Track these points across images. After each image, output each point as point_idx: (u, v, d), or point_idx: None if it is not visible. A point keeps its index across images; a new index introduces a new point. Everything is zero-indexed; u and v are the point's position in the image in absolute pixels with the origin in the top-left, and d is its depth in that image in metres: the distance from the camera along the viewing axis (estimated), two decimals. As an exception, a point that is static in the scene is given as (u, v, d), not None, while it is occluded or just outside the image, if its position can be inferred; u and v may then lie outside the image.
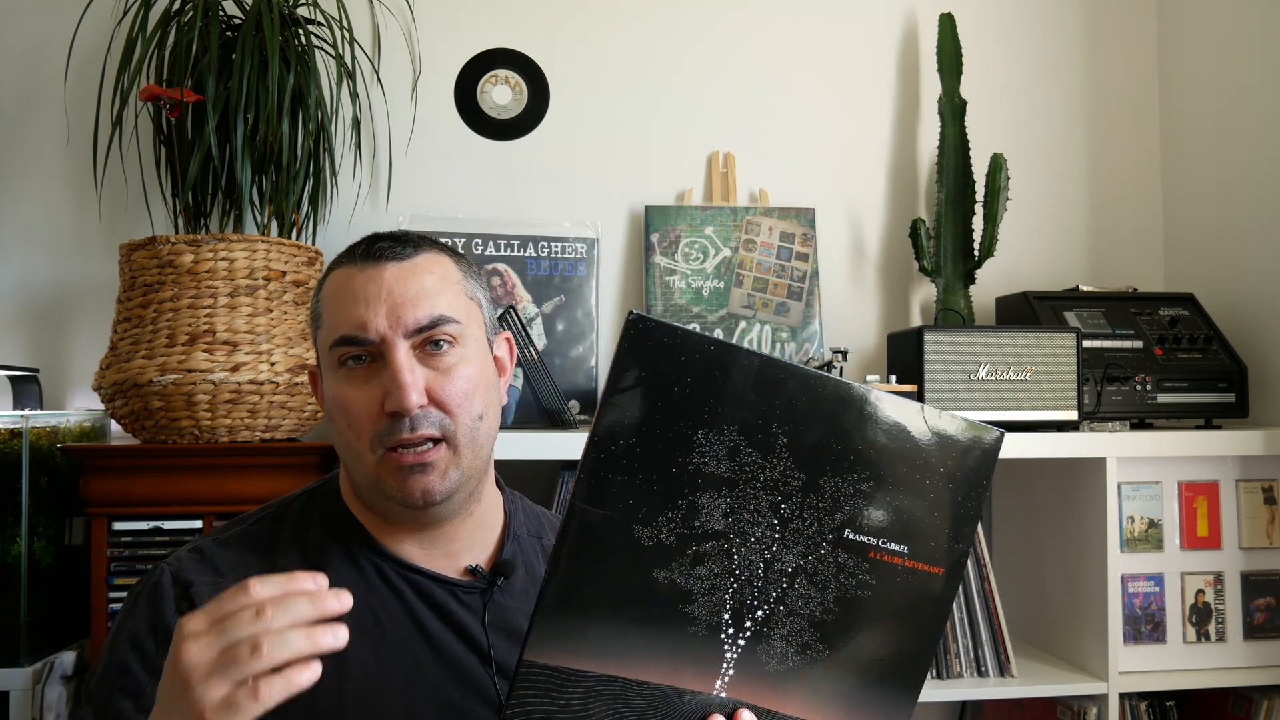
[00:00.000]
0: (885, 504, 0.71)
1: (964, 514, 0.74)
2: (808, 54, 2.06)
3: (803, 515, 0.69)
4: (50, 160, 1.84)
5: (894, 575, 0.72)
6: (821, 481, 0.69)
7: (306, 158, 1.70)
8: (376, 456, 0.87)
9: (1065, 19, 2.15)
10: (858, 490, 0.70)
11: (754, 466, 0.68)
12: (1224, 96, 1.98)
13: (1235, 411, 1.78)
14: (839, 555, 0.70)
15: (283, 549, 0.91)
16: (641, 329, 0.65)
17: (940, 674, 1.61)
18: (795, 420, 0.68)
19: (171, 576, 0.87)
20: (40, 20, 1.85)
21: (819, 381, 0.69)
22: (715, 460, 0.67)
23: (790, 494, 0.69)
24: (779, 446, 0.68)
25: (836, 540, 0.70)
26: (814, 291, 1.95)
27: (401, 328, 0.86)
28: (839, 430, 0.69)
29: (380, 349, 0.87)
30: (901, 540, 0.72)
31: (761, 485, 0.68)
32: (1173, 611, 1.68)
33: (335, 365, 0.89)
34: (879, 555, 0.71)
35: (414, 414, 0.85)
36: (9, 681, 1.41)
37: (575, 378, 1.85)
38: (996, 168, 1.93)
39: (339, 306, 0.89)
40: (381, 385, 0.86)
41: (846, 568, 0.71)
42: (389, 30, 1.93)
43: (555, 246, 1.87)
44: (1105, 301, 1.88)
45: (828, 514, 0.70)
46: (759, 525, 0.69)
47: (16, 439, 1.49)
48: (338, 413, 0.89)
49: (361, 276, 0.89)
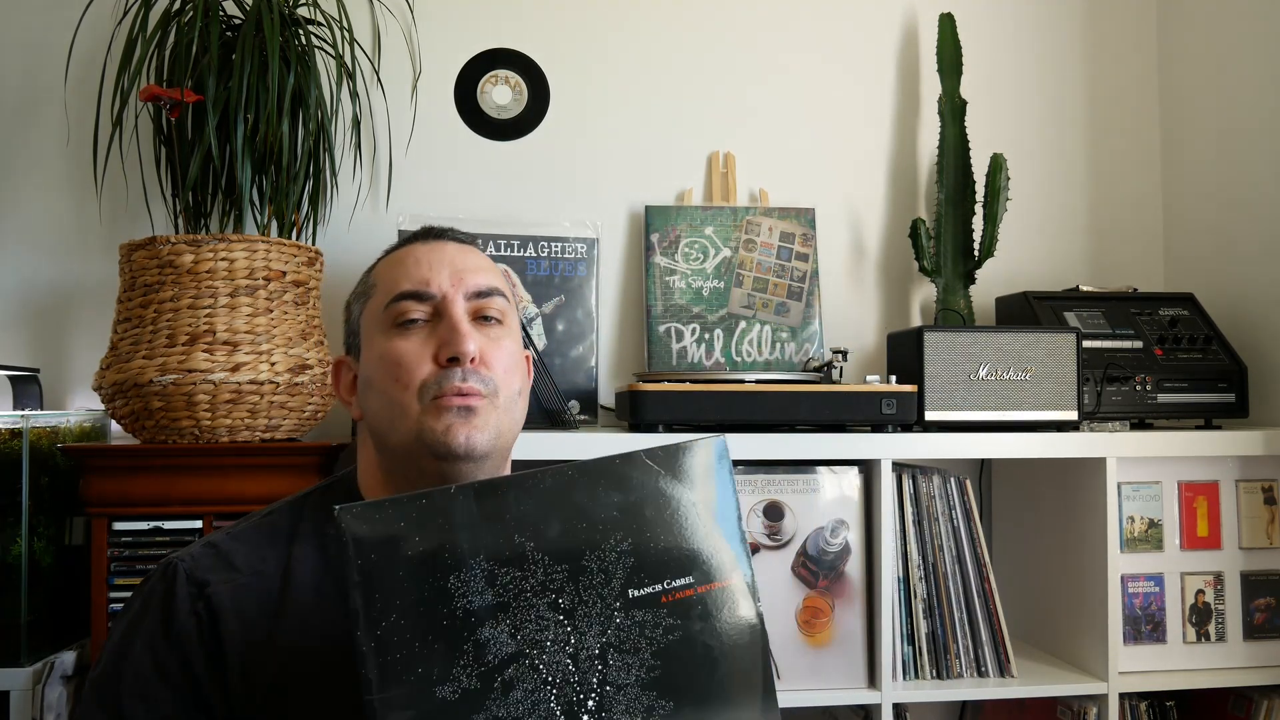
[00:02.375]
0: (651, 551, 0.72)
1: (706, 520, 0.75)
2: (808, 54, 2.06)
3: (583, 599, 0.70)
4: (50, 160, 1.84)
5: (692, 607, 0.73)
6: (585, 562, 0.71)
7: (306, 158, 1.70)
8: (423, 404, 0.88)
9: (1065, 19, 2.16)
10: (620, 554, 0.71)
11: (516, 581, 0.69)
12: (1224, 97, 1.98)
13: (1235, 411, 1.78)
14: (634, 615, 0.71)
15: (300, 540, 0.91)
16: (348, 519, 0.67)
17: (940, 674, 1.61)
18: (531, 524, 0.70)
19: (186, 575, 0.86)
20: (40, 20, 1.85)
21: (534, 480, 0.71)
22: (477, 594, 0.68)
23: (561, 588, 0.70)
24: (529, 553, 0.69)
25: (625, 604, 0.71)
26: (814, 291, 1.95)
27: (463, 288, 0.92)
28: (574, 513, 0.71)
29: (440, 305, 0.91)
30: (683, 573, 0.73)
31: (531, 593, 0.69)
32: (1173, 611, 1.68)
33: (389, 324, 0.92)
34: (670, 597, 0.72)
35: (467, 365, 0.89)
36: (9, 681, 1.41)
37: (575, 378, 1.85)
38: (996, 168, 1.93)
39: (399, 270, 0.94)
40: (437, 337, 0.90)
41: (648, 623, 0.72)
42: (389, 30, 1.93)
43: (555, 246, 1.87)
44: (1105, 301, 1.88)
45: (604, 586, 0.71)
46: (547, 629, 0.69)
47: (16, 439, 1.49)
48: (386, 367, 0.90)
49: (424, 247, 0.95)
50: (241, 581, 0.86)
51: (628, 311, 1.98)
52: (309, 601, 0.87)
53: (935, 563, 1.62)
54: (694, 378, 1.64)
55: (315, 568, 0.89)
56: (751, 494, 1.60)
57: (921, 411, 1.64)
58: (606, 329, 1.96)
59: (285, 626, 0.85)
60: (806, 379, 1.64)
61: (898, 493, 1.62)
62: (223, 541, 0.90)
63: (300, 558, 0.89)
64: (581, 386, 1.86)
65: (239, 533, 0.92)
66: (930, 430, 1.66)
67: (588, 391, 1.86)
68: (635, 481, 0.73)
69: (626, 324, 1.98)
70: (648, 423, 1.56)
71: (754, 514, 1.60)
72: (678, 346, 1.89)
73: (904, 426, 1.64)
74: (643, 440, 1.53)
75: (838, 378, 1.66)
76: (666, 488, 0.74)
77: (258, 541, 0.91)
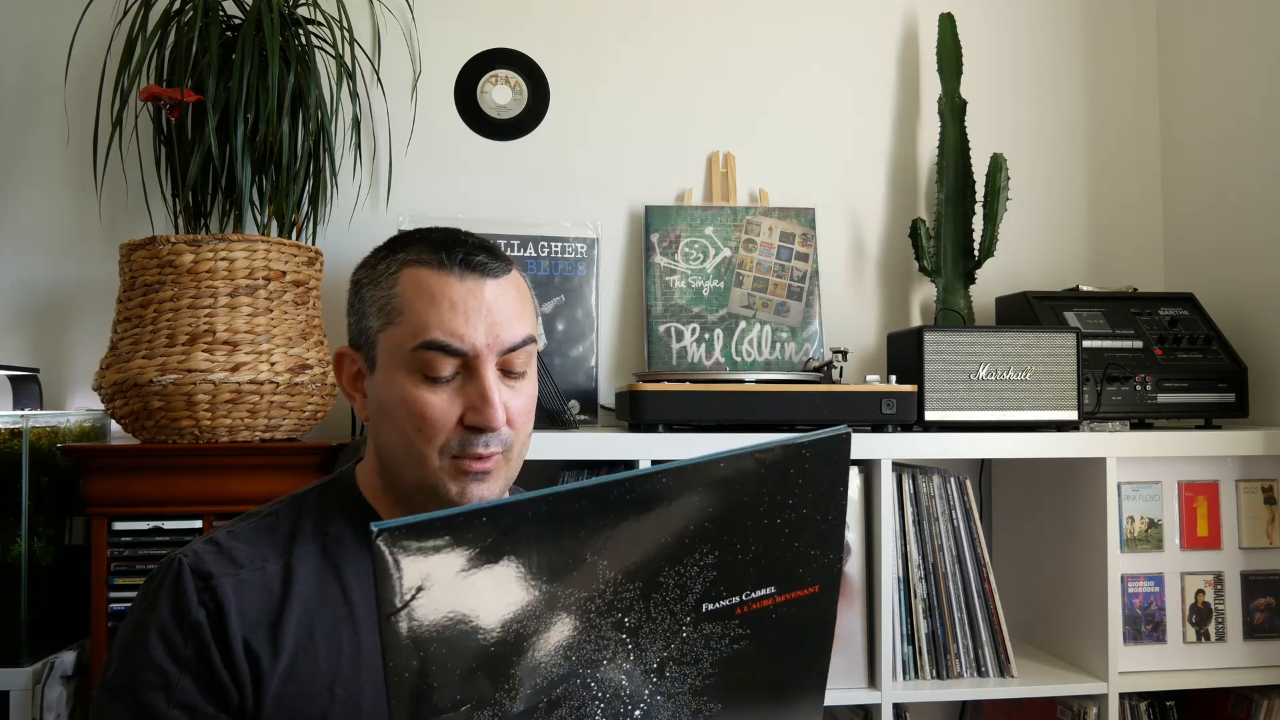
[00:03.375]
0: (737, 563, 0.65)
1: (828, 526, 0.69)
2: (808, 54, 2.06)
3: (651, 616, 0.63)
4: (50, 160, 1.84)
5: (767, 616, 0.67)
6: (661, 578, 0.63)
7: (306, 158, 1.70)
8: (441, 462, 0.88)
9: (1065, 19, 2.16)
10: (703, 566, 0.64)
11: (580, 602, 0.61)
12: (1224, 97, 1.98)
13: (1235, 411, 1.78)
14: (703, 629, 0.65)
15: (301, 541, 0.91)
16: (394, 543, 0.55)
17: (940, 674, 1.61)
18: (607, 539, 0.61)
19: (191, 569, 0.86)
20: (40, 20, 1.85)
21: (617, 490, 0.61)
22: (535, 618, 0.60)
23: (630, 606, 0.62)
24: (600, 571, 0.61)
25: (696, 619, 0.65)
26: (814, 291, 1.95)
27: (497, 347, 0.88)
28: (659, 526, 0.62)
29: (472, 363, 0.87)
30: (766, 584, 0.67)
31: (595, 613, 0.61)
32: (1173, 611, 1.68)
33: (412, 367, 0.88)
34: (746, 608, 0.66)
35: (493, 432, 0.87)
36: (9, 681, 1.41)
37: (575, 378, 1.85)
38: (996, 168, 1.93)
39: (432, 309, 0.87)
40: (465, 398, 0.87)
41: (714, 635, 0.66)
42: (389, 30, 1.93)
43: (555, 246, 1.87)
44: (1105, 301, 1.88)
45: (678, 602, 0.64)
46: (606, 647, 0.62)
47: (16, 439, 1.49)
48: (407, 414, 0.88)
49: (461, 288, 0.88)
50: (244, 578, 0.86)
51: (628, 311, 1.98)
52: (311, 600, 0.87)
53: (935, 563, 1.62)
54: (694, 378, 1.64)
55: (316, 567, 0.89)
56: (751, 494, 1.60)
57: (921, 411, 1.64)
58: (606, 329, 1.96)
59: (287, 626, 0.85)
60: (806, 379, 1.64)
61: (898, 492, 1.62)
62: (225, 539, 0.90)
63: (301, 557, 0.89)
64: (581, 386, 1.86)
65: (240, 531, 0.92)
66: (930, 430, 1.65)
67: (588, 391, 1.86)
68: (739, 487, 0.64)
69: (626, 324, 1.98)
70: (648, 423, 1.56)
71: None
72: (678, 346, 1.89)
73: (904, 426, 1.64)
74: (643, 440, 1.53)
75: (838, 378, 1.66)
76: (774, 493, 0.65)
77: (259, 540, 0.91)
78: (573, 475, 1.60)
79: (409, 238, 0.93)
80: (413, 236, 0.93)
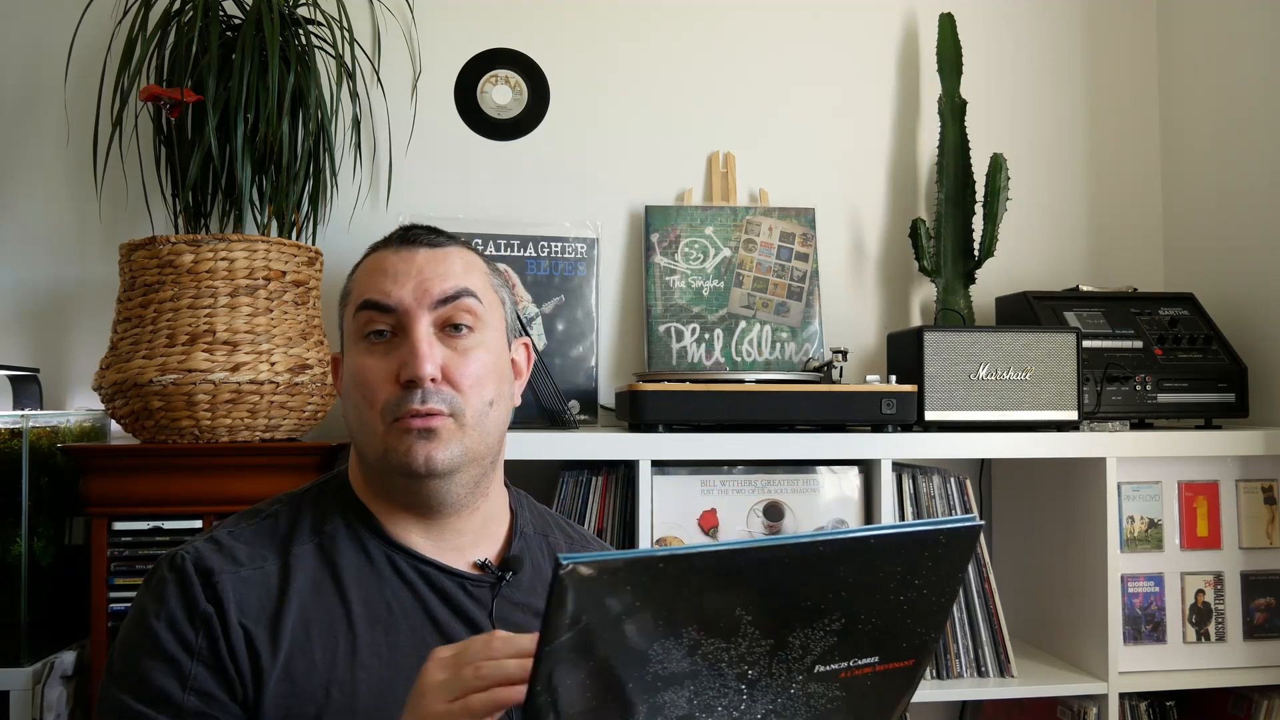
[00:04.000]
0: (857, 631, 0.68)
1: (938, 608, 0.71)
2: (808, 54, 2.06)
3: (772, 672, 0.66)
4: (50, 160, 1.84)
5: (864, 682, 0.70)
6: (790, 638, 0.66)
7: (306, 158, 1.70)
8: (386, 425, 0.89)
9: (1065, 19, 2.16)
10: (828, 632, 0.67)
11: (717, 652, 0.64)
12: (1224, 97, 1.98)
13: (1235, 411, 1.78)
14: (809, 688, 0.68)
15: (299, 540, 0.91)
16: (577, 578, 0.58)
17: (940, 674, 1.61)
18: (759, 597, 0.64)
19: (194, 565, 0.86)
20: (40, 20, 1.85)
21: (778, 552, 0.63)
22: (674, 661, 0.63)
23: (756, 660, 0.65)
24: (743, 626, 0.64)
25: (807, 678, 0.67)
26: (814, 291, 1.95)
27: (427, 300, 0.91)
28: (806, 588, 0.65)
29: (402, 320, 0.91)
30: (874, 653, 0.69)
31: (726, 664, 0.64)
32: (1173, 611, 1.68)
33: (358, 335, 0.93)
34: (850, 674, 0.69)
35: (426, 386, 0.88)
36: (9, 681, 1.41)
37: (575, 378, 1.85)
38: (996, 168, 1.93)
39: (369, 279, 0.94)
40: (399, 357, 0.90)
41: (817, 694, 0.68)
42: (389, 30, 1.93)
43: (555, 246, 1.87)
44: (1105, 301, 1.88)
45: (797, 661, 0.67)
46: (725, 695, 0.66)
47: (16, 439, 1.49)
48: (355, 384, 0.92)
49: (394, 256, 0.94)
50: (244, 575, 0.87)
51: (628, 311, 1.98)
52: (308, 600, 0.87)
53: (935, 563, 1.62)
54: (694, 378, 1.64)
55: (313, 566, 0.90)
56: (751, 494, 1.60)
57: (921, 411, 1.64)
58: (606, 329, 1.96)
59: (285, 624, 0.85)
60: (806, 379, 1.64)
61: (898, 493, 1.62)
62: (224, 538, 0.90)
63: (299, 556, 0.90)
64: (581, 386, 1.86)
65: (240, 531, 0.92)
66: (930, 430, 1.65)
67: (588, 391, 1.86)
68: (878, 563, 0.67)
69: (626, 324, 1.98)
70: (647, 423, 1.56)
71: (754, 514, 1.60)
72: (678, 346, 1.90)
73: (904, 426, 1.64)
74: (643, 440, 1.53)
75: (838, 378, 1.66)
76: (905, 572, 0.68)
77: (259, 540, 0.91)
78: (573, 475, 1.60)
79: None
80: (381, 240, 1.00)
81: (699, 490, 1.60)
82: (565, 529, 1.08)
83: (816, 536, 0.65)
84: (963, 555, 0.71)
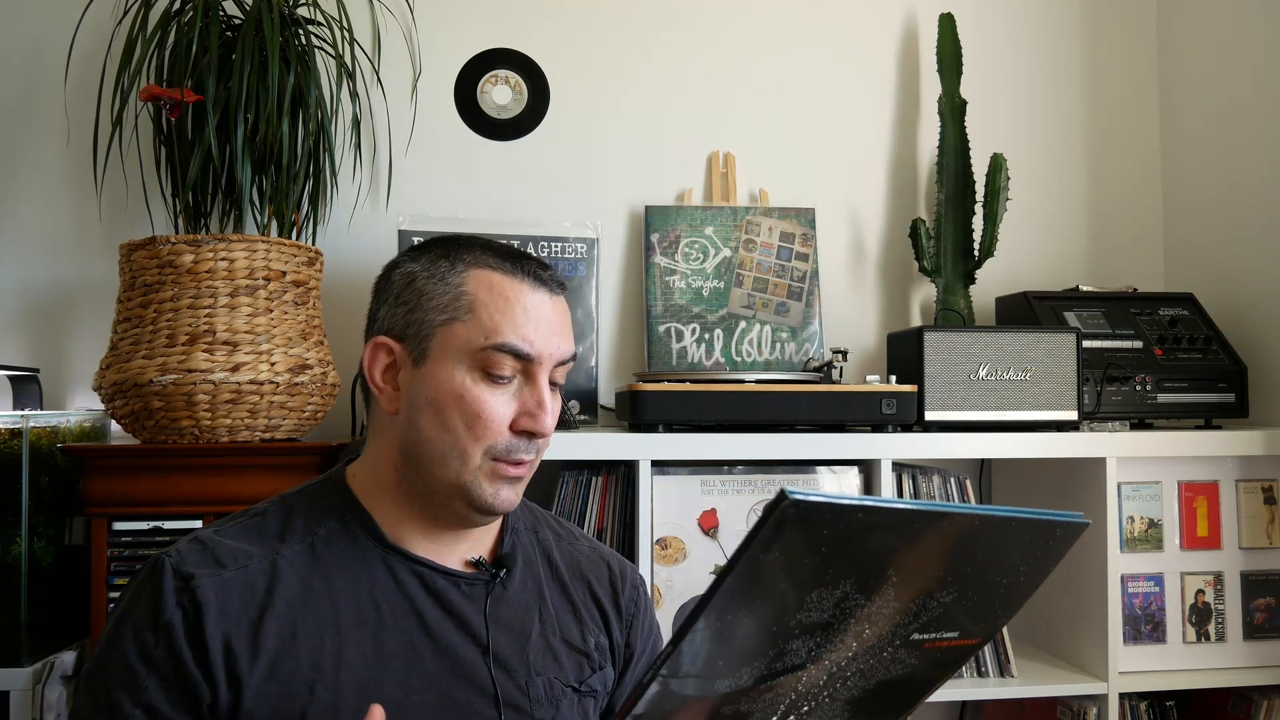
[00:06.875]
0: (959, 606, 0.69)
1: (1022, 595, 0.73)
2: (808, 54, 2.06)
3: (882, 634, 0.68)
4: (50, 160, 1.84)
5: (937, 653, 0.72)
6: (913, 604, 0.67)
7: (306, 158, 1.70)
8: (484, 460, 0.90)
9: (1065, 19, 2.16)
10: (940, 603, 0.68)
11: (855, 609, 0.65)
12: (1224, 97, 1.98)
13: (1235, 411, 1.78)
14: (898, 653, 0.70)
15: (291, 540, 0.91)
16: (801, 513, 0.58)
17: (940, 674, 1.61)
18: (911, 560, 0.64)
19: (173, 569, 0.86)
20: (40, 20, 1.85)
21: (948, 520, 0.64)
22: (820, 611, 0.64)
23: (878, 620, 0.66)
24: (888, 587, 0.65)
25: (901, 643, 0.69)
26: (814, 291, 1.95)
27: (556, 357, 0.94)
28: (945, 559, 0.66)
29: (532, 369, 0.92)
30: (957, 628, 0.71)
31: (855, 620, 0.66)
32: (1172, 611, 1.68)
33: (478, 366, 0.91)
34: (933, 644, 0.71)
35: (538, 441, 0.93)
36: (9, 681, 1.41)
37: (575, 377, 1.85)
38: (996, 168, 1.93)
39: (507, 312, 0.91)
40: (520, 402, 0.91)
41: (898, 660, 0.70)
42: (389, 30, 1.93)
43: (555, 246, 1.87)
44: (1105, 301, 1.88)
45: (904, 627, 0.68)
46: (836, 650, 0.67)
47: (16, 439, 1.49)
48: (461, 410, 0.90)
49: (534, 297, 0.93)
50: (227, 577, 0.87)
51: (628, 311, 1.98)
52: (295, 600, 0.87)
53: (935, 563, 1.62)
54: (694, 378, 1.64)
55: (303, 566, 0.90)
56: (751, 494, 1.60)
57: (921, 411, 1.64)
58: (606, 329, 1.96)
59: (269, 625, 0.85)
60: (806, 379, 1.64)
61: (898, 493, 1.61)
62: (209, 538, 0.90)
63: (289, 556, 0.90)
64: (581, 386, 1.86)
65: (227, 530, 0.92)
66: (930, 430, 1.65)
67: (588, 391, 1.86)
68: (1001, 544, 0.68)
69: (626, 324, 1.98)
70: (648, 422, 1.56)
71: (754, 514, 1.60)
72: (678, 346, 1.90)
73: (904, 426, 1.64)
74: (643, 440, 1.53)
75: (838, 378, 1.66)
76: (1014, 558, 0.69)
77: (245, 539, 0.91)
78: (573, 475, 1.60)
79: (461, 240, 0.96)
80: (468, 240, 0.96)
81: (699, 490, 1.60)
82: (552, 525, 1.08)
83: (972, 510, 0.65)
84: (1063, 549, 0.71)
